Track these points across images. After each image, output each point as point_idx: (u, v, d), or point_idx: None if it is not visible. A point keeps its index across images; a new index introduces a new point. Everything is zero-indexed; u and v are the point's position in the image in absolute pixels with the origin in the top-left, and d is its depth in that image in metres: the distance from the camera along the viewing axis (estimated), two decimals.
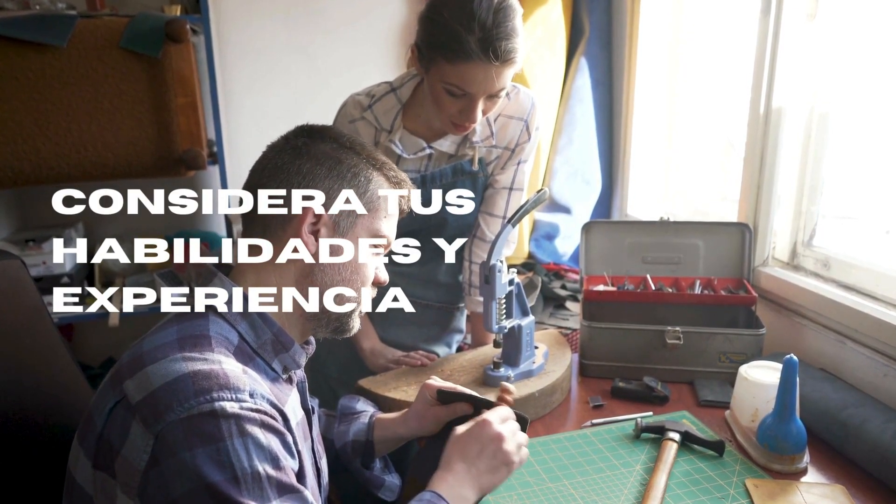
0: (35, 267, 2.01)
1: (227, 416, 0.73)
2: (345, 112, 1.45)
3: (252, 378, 0.80)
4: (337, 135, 0.95)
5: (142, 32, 1.81)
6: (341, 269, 0.92)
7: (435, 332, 1.62)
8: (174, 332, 0.82)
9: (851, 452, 1.17)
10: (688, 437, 1.22)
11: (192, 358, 0.77)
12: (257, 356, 0.88)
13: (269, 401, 0.79)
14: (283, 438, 0.78)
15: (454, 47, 1.21)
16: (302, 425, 0.95)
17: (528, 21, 2.24)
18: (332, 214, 0.90)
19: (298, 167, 0.90)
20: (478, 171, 1.47)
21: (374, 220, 0.94)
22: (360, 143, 0.96)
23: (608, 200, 2.46)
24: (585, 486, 1.13)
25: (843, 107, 1.56)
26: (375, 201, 0.94)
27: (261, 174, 0.92)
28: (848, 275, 1.48)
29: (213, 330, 0.83)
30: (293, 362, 0.92)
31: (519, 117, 1.45)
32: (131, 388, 0.76)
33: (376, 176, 0.95)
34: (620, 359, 1.50)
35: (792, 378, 1.13)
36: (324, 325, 0.95)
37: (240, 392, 0.75)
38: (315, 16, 2.38)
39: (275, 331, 0.88)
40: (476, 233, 1.55)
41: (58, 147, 1.82)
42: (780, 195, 1.65)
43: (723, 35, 2.03)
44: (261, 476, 0.73)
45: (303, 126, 0.96)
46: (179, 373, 0.75)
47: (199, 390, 0.73)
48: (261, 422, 0.75)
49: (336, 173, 0.91)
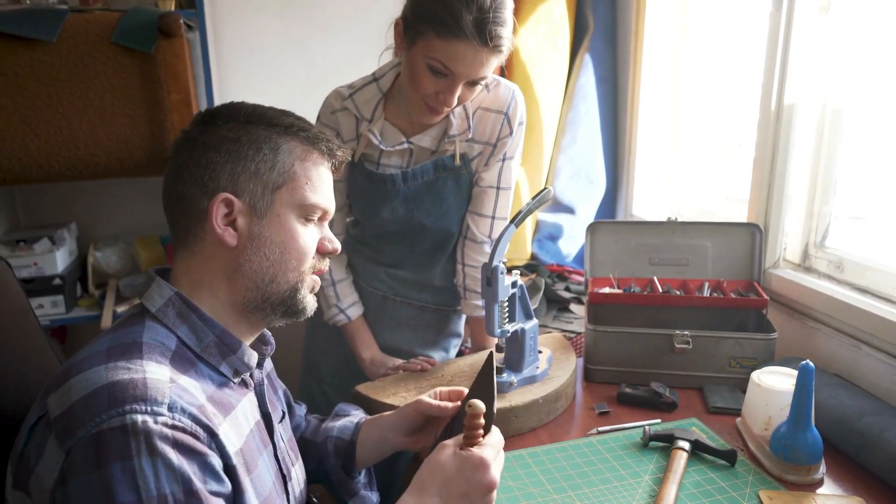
0: (26, 268, 1.97)
1: (138, 433, 0.68)
2: (327, 104, 1.43)
3: (181, 388, 0.75)
4: (233, 112, 0.88)
5: (134, 27, 1.77)
6: (269, 253, 0.86)
7: (431, 336, 1.58)
8: (106, 341, 0.78)
9: (870, 462, 1.13)
10: (698, 446, 1.18)
11: (116, 368, 0.73)
12: (200, 361, 0.83)
13: (191, 416, 0.73)
14: (202, 460, 0.72)
15: (448, 22, 1.19)
16: (258, 431, 0.90)
17: (532, 17, 2.21)
18: (245, 198, 0.85)
19: (197, 160, 0.85)
20: (460, 167, 1.44)
21: (294, 192, 0.87)
22: (259, 111, 0.88)
23: (613, 200, 2.43)
24: (592, 497, 1.08)
25: (856, 103, 1.52)
26: (289, 170, 0.87)
27: (168, 176, 0.88)
28: (862, 277, 1.44)
29: (146, 336, 0.79)
30: (243, 365, 0.87)
31: (498, 110, 1.42)
32: (53, 403, 0.72)
33: (283, 142, 0.87)
34: (627, 364, 1.46)
35: (808, 384, 1.09)
36: (270, 312, 0.89)
37: (157, 404, 0.70)
38: (312, 11, 2.35)
39: (217, 332, 0.84)
40: (466, 234, 1.51)
41: (48, 145, 1.78)
42: (792, 194, 1.61)
43: (731, 30, 1.99)
44: (167, 500, 0.68)
45: (200, 112, 0.90)
46: (98, 384, 0.70)
47: (112, 403, 0.69)
48: (174, 440, 0.70)
49: (236, 154, 0.85)
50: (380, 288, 1.55)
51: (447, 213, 1.47)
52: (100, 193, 2.28)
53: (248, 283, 0.86)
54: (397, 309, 1.56)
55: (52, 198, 2.26)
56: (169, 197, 0.87)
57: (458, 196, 1.47)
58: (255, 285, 0.86)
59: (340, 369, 1.56)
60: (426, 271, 1.54)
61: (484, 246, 1.49)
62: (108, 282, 2.16)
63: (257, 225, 0.85)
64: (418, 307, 1.57)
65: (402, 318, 1.56)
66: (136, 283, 2.12)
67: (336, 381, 1.56)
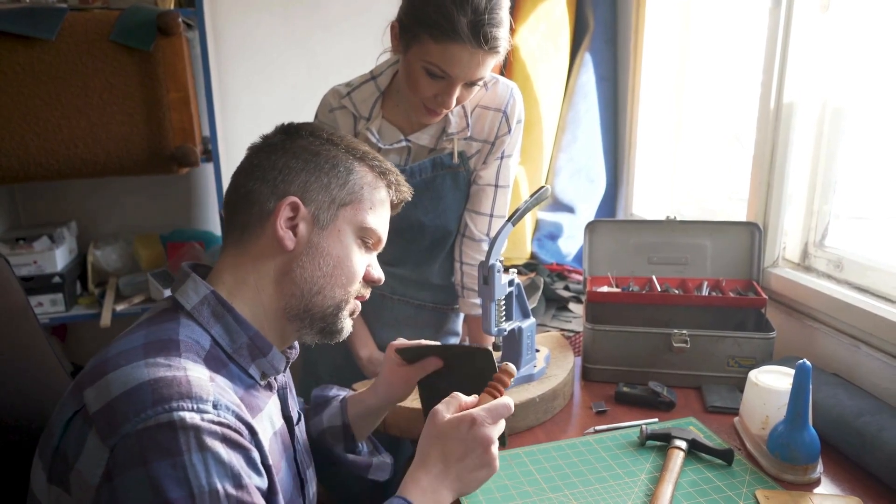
0: (26, 266, 1.98)
1: (187, 428, 0.68)
2: (325, 102, 1.43)
3: (219, 387, 0.75)
4: (315, 129, 0.92)
5: (133, 25, 1.77)
6: (322, 263, 0.87)
7: (429, 334, 1.58)
8: (141, 336, 0.78)
9: (868, 462, 1.12)
10: (695, 445, 1.17)
11: (156, 364, 0.72)
12: (232, 362, 0.83)
13: (235, 413, 0.74)
14: (247, 454, 0.73)
15: (443, 26, 1.19)
16: (281, 434, 0.91)
17: (532, 16, 2.21)
18: (311, 207, 0.87)
19: (274, 163, 0.87)
20: (459, 165, 1.43)
21: (357, 212, 0.90)
22: (339, 135, 0.93)
23: (613, 199, 2.42)
24: (587, 495, 1.08)
25: (857, 102, 1.51)
26: (357, 192, 0.90)
27: (239, 174, 0.90)
28: (862, 276, 1.44)
29: (182, 334, 0.79)
30: (272, 368, 0.88)
31: (496, 108, 1.42)
32: (91, 398, 0.71)
33: (357, 166, 0.92)
34: (625, 363, 1.45)
35: (805, 384, 1.08)
36: (307, 325, 0.90)
37: (202, 402, 0.71)
38: (314, 10, 2.35)
39: (251, 335, 0.84)
40: (464, 232, 1.51)
41: (47, 143, 1.78)
42: (791, 193, 1.60)
43: (732, 28, 1.99)
44: (219, 495, 0.68)
45: (282, 124, 0.93)
46: (139, 380, 0.70)
47: (157, 399, 0.68)
48: (223, 436, 0.71)
49: (313, 165, 0.88)
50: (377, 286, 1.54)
51: (445, 211, 1.47)
52: (100, 192, 2.28)
53: (294, 290, 0.87)
54: (395, 307, 1.56)
55: (52, 196, 2.26)
56: (235, 193, 0.89)
57: (456, 194, 1.46)
58: (301, 293, 0.87)
59: (338, 367, 1.56)
60: (424, 269, 1.54)
61: (482, 244, 1.49)
62: (108, 280, 2.16)
63: (317, 235, 0.87)
64: (416, 306, 1.56)
65: (399, 317, 1.56)
66: (135, 282, 2.13)
67: (334, 379, 1.56)
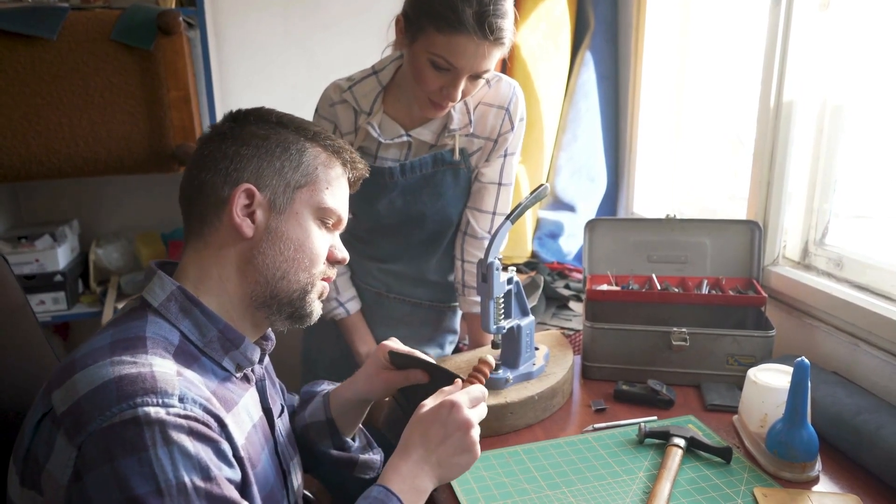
0: (28, 265, 1.98)
1: (151, 423, 0.68)
2: (325, 96, 1.43)
3: (187, 381, 0.75)
4: (264, 114, 0.91)
5: (133, 25, 1.78)
6: (283, 248, 0.87)
7: (426, 333, 1.58)
8: (108, 336, 0.78)
9: (866, 460, 1.12)
10: (693, 443, 1.17)
11: (122, 362, 0.72)
12: (204, 355, 0.83)
13: (202, 406, 0.73)
14: (216, 447, 0.73)
15: (449, 17, 1.19)
16: (261, 427, 0.90)
17: (532, 15, 2.20)
18: (266, 193, 0.86)
19: (224, 151, 0.86)
20: (459, 162, 1.43)
21: (313, 193, 0.89)
22: (289, 117, 0.92)
23: (614, 198, 2.42)
24: (586, 493, 1.08)
25: (857, 100, 1.50)
26: (312, 173, 0.89)
27: (191, 166, 0.89)
28: (861, 275, 1.43)
29: (149, 331, 0.79)
30: (246, 360, 0.88)
31: (499, 105, 1.42)
32: (58, 399, 0.72)
33: (310, 147, 0.90)
34: (624, 361, 1.45)
35: (803, 382, 1.08)
36: (276, 312, 0.89)
37: (168, 396, 0.70)
38: (314, 9, 2.34)
39: (220, 327, 0.84)
40: (466, 230, 1.51)
41: (48, 142, 1.79)
42: (791, 192, 1.60)
43: (732, 27, 1.98)
44: (187, 488, 0.68)
45: (231, 111, 0.92)
46: (104, 379, 0.70)
47: (122, 396, 0.69)
48: (189, 429, 0.70)
49: (264, 150, 0.87)
50: (374, 285, 1.55)
51: (445, 207, 1.47)
52: (101, 190, 2.29)
53: (258, 277, 0.86)
54: (392, 306, 1.56)
55: (53, 195, 2.27)
56: (189, 185, 0.88)
57: (456, 191, 1.47)
58: (265, 280, 0.87)
59: (337, 365, 1.56)
60: (421, 264, 1.54)
61: (484, 242, 1.49)
62: (110, 278, 2.17)
63: (275, 220, 0.87)
64: (413, 304, 1.56)
65: (396, 315, 1.56)
66: (137, 280, 2.13)
67: (333, 376, 1.56)
